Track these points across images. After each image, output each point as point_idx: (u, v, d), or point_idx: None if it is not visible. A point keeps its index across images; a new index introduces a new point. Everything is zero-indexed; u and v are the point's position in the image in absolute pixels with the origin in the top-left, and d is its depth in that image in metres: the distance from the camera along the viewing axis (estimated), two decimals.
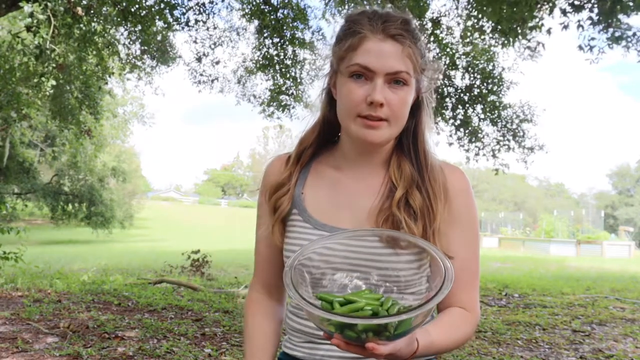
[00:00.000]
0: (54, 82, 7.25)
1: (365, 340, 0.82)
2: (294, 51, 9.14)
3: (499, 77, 9.64)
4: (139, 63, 10.08)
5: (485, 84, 9.66)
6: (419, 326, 0.87)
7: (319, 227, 1.11)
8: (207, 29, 9.25)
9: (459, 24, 9.03)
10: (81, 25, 7.33)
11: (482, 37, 8.40)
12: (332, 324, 0.83)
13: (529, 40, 8.16)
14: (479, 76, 9.67)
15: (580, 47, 6.48)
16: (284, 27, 8.69)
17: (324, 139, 1.20)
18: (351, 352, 0.84)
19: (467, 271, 1.11)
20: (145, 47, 9.44)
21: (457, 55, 9.47)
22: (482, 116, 9.94)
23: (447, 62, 9.43)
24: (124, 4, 7.66)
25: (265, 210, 1.19)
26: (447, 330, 1.05)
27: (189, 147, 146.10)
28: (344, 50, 1.06)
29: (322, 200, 1.14)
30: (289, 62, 9.26)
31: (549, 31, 6.87)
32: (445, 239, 1.08)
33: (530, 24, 6.51)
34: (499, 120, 9.85)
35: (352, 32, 1.05)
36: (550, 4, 6.47)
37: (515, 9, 5.96)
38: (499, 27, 6.65)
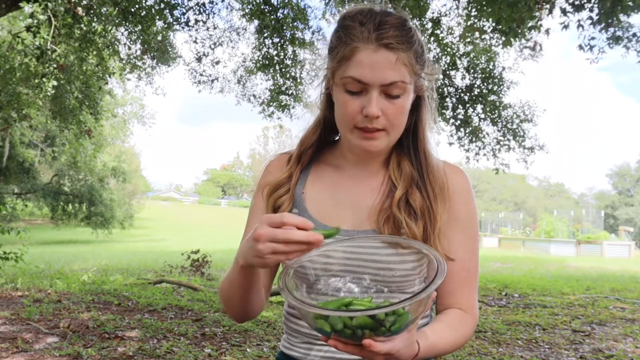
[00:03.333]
0: (55, 83, 7.24)
1: (362, 338, 0.80)
2: (294, 51, 9.14)
3: (499, 77, 9.65)
4: (139, 63, 10.08)
5: (485, 84, 9.67)
6: (415, 321, 0.85)
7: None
8: (207, 29, 9.25)
9: (459, 23, 9.03)
10: (82, 26, 7.33)
11: (482, 37, 8.40)
12: (327, 324, 0.82)
13: (527, 41, 8.17)
14: (479, 76, 9.67)
15: (581, 47, 6.48)
16: (284, 27, 8.69)
17: (325, 139, 1.19)
18: (349, 352, 0.82)
19: (466, 271, 1.09)
20: (146, 47, 9.44)
21: (457, 55, 9.48)
22: (482, 116, 9.95)
23: (448, 62, 9.44)
24: (124, 4, 7.66)
25: (261, 207, 1.18)
26: (447, 332, 1.03)
27: (188, 147, 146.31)
28: (336, 62, 1.03)
29: (323, 200, 1.13)
30: (289, 62, 9.26)
31: (547, 32, 6.87)
32: (445, 239, 1.07)
33: (529, 24, 6.51)
34: (499, 120, 9.86)
35: (344, 41, 1.02)
36: (550, 4, 6.47)
37: (513, 9, 5.96)
38: (499, 27, 6.64)
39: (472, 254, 1.11)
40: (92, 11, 7.52)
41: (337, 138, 1.20)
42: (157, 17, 8.41)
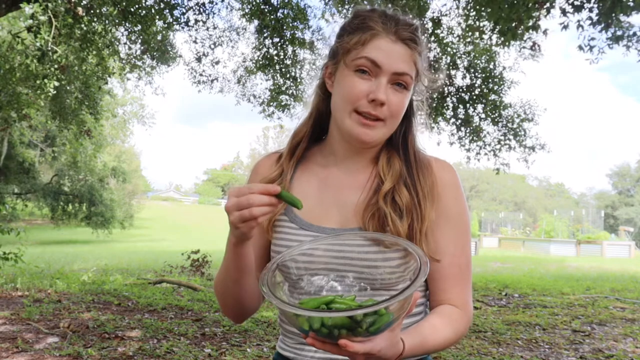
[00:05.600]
0: (56, 83, 7.22)
1: (339, 337, 0.79)
2: (294, 51, 9.13)
3: (499, 77, 9.65)
4: (139, 63, 10.07)
5: (486, 84, 9.67)
6: (396, 323, 0.83)
7: (305, 227, 1.09)
8: (207, 29, 9.25)
9: (459, 23, 9.03)
10: (82, 26, 7.33)
11: (482, 36, 8.39)
12: (306, 322, 0.80)
13: (526, 41, 8.16)
14: (479, 75, 9.67)
15: (580, 47, 6.47)
16: (284, 27, 8.69)
17: (316, 132, 1.19)
18: (327, 351, 0.82)
19: (457, 267, 1.08)
20: (146, 47, 9.44)
21: (457, 54, 9.48)
22: (483, 115, 9.95)
23: (448, 61, 9.44)
24: (124, 4, 7.66)
25: None
26: (437, 328, 1.01)
27: (188, 147, 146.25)
28: (353, 43, 1.05)
29: (309, 199, 1.11)
30: (289, 62, 9.26)
31: (545, 32, 6.87)
32: (432, 234, 1.06)
33: (528, 24, 6.50)
34: (500, 120, 9.86)
35: (364, 27, 1.05)
36: (549, 4, 6.47)
37: (512, 10, 5.96)
38: (498, 27, 6.64)
39: (462, 250, 1.09)
40: (92, 11, 7.51)
41: (327, 137, 1.19)
42: (157, 17, 8.40)
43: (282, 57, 9.13)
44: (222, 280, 1.10)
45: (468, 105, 9.87)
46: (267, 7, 8.60)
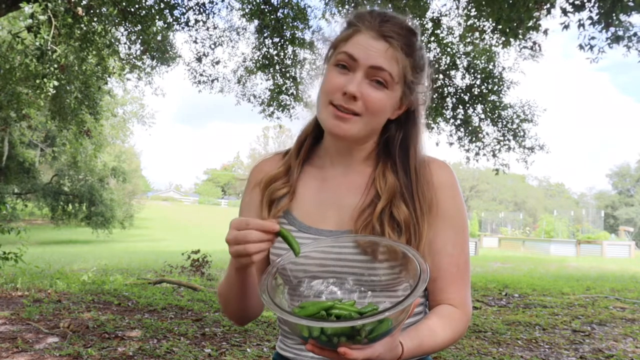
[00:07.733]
0: (55, 83, 7.22)
1: (338, 345, 0.79)
2: (294, 51, 9.14)
3: (499, 77, 9.65)
4: (139, 63, 10.08)
5: (485, 84, 9.67)
6: (395, 330, 0.83)
7: (304, 230, 1.09)
8: (207, 29, 9.25)
9: (459, 23, 9.03)
10: (82, 26, 7.33)
11: (482, 37, 8.39)
12: (305, 329, 0.80)
13: (526, 41, 8.16)
14: (479, 76, 9.67)
15: (581, 47, 6.47)
16: (284, 27, 8.69)
17: (317, 135, 1.19)
18: (326, 357, 0.82)
19: (455, 267, 1.08)
20: (146, 47, 9.44)
21: (457, 55, 9.48)
22: (482, 116, 9.95)
23: (448, 61, 9.44)
24: (124, 4, 7.66)
25: (255, 203, 1.17)
26: (436, 329, 1.01)
27: (188, 147, 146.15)
28: (337, 41, 1.08)
29: (307, 202, 1.12)
30: (289, 62, 9.26)
31: (545, 32, 6.86)
32: (429, 234, 1.06)
33: (528, 24, 6.50)
34: (499, 120, 9.85)
35: (350, 25, 1.08)
36: (549, 4, 6.47)
37: (513, 9, 5.96)
38: (499, 27, 6.64)
39: (461, 249, 1.09)
40: (92, 11, 7.51)
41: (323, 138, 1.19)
42: (157, 17, 8.40)
43: (282, 57, 9.13)
44: (225, 292, 1.11)
45: (467, 105, 9.87)
46: (267, 7, 8.61)
